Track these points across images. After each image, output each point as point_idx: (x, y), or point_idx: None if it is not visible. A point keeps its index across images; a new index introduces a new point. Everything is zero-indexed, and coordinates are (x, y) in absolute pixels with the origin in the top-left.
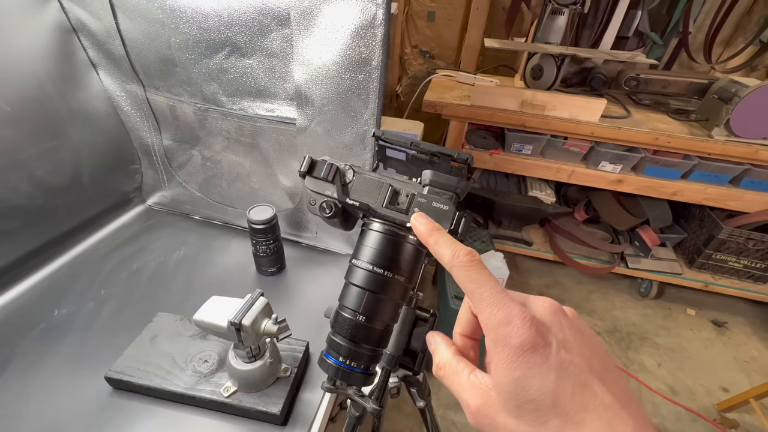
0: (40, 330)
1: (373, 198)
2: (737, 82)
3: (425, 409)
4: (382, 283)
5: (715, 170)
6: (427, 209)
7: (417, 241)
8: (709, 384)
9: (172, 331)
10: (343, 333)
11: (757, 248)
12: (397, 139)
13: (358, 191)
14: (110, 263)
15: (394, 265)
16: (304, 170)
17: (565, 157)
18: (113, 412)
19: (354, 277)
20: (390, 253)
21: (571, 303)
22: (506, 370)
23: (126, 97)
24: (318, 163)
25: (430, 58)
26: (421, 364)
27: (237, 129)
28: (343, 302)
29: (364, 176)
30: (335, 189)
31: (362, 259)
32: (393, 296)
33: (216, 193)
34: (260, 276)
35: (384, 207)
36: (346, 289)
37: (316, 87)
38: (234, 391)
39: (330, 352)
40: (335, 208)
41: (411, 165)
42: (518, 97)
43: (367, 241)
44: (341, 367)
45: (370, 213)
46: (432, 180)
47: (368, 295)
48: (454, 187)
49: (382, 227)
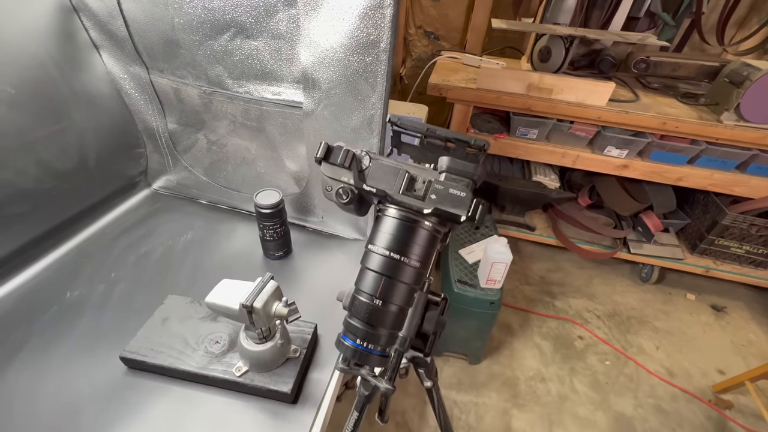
0: (53, 312)
1: (390, 184)
2: (749, 65)
3: (432, 389)
4: (398, 269)
5: (722, 156)
6: (444, 196)
7: (432, 227)
8: (706, 366)
9: (183, 313)
10: (360, 316)
11: (760, 234)
12: (412, 125)
13: (375, 177)
14: (118, 247)
15: (410, 251)
16: (321, 156)
17: (570, 142)
18: (128, 390)
19: (370, 262)
20: (406, 238)
21: (572, 287)
22: None
23: (129, 80)
24: (334, 149)
25: (435, 39)
26: (432, 346)
27: (243, 112)
28: (359, 286)
29: (380, 162)
30: (352, 175)
31: (378, 244)
32: (408, 281)
33: (222, 178)
34: (267, 260)
35: (401, 194)
36: (362, 274)
37: (323, 69)
38: (245, 371)
39: (347, 334)
40: (351, 194)
41: (425, 150)
42: (525, 80)
43: (383, 227)
44: (359, 349)
45: (386, 199)
46: (449, 167)
47: (384, 279)
48: (471, 173)
49: (398, 213)
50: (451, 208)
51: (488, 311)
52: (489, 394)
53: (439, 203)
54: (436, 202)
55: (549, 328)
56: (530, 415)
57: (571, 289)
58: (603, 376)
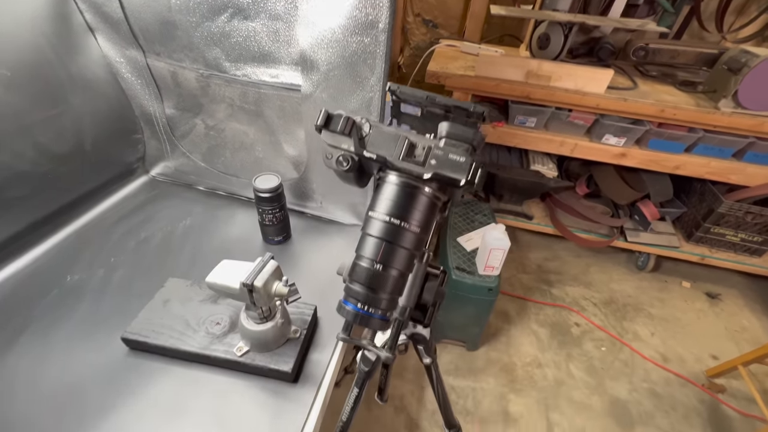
0: (53, 295)
1: (390, 151)
2: (748, 52)
3: (431, 366)
4: (398, 234)
5: (720, 143)
6: (443, 161)
7: (432, 193)
8: (700, 352)
9: (184, 296)
10: (361, 281)
11: (756, 222)
12: (411, 93)
13: (375, 144)
14: (117, 232)
15: (410, 216)
16: (321, 124)
17: (568, 130)
18: (130, 371)
19: (371, 229)
20: (406, 204)
21: (569, 276)
22: None
23: (126, 64)
24: (334, 116)
25: (433, 27)
26: (432, 318)
27: (241, 96)
28: (360, 252)
29: (380, 129)
30: (352, 142)
31: (379, 210)
32: (409, 246)
33: (220, 163)
34: (266, 245)
35: (401, 160)
36: (363, 240)
37: (321, 51)
38: (246, 351)
39: (348, 299)
40: (352, 161)
41: (425, 121)
42: (524, 68)
43: (383, 194)
44: (359, 312)
45: (386, 166)
46: (449, 132)
47: (385, 244)
48: (471, 138)
49: (398, 179)
50: (451, 173)
51: (486, 298)
52: (486, 379)
53: (439, 168)
54: (436, 167)
55: (546, 315)
56: (527, 400)
57: (567, 278)
58: (599, 362)
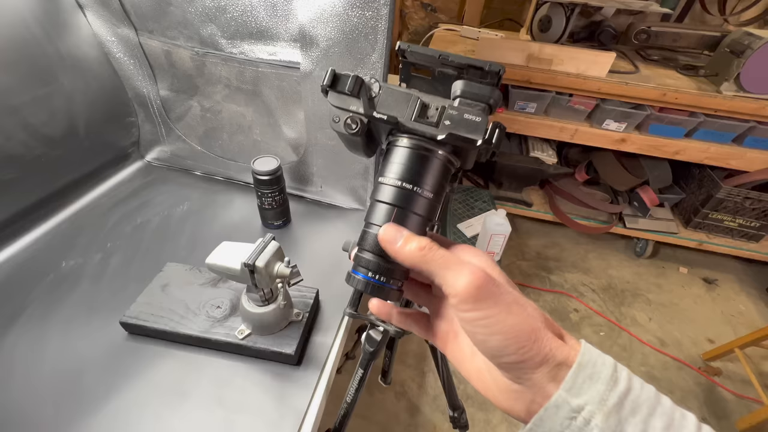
0: (49, 280)
1: (402, 111)
2: (751, 34)
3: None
4: (411, 199)
5: (720, 128)
6: (458, 121)
7: (445, 156)
8: (697, 336)
9: (183, 280)
10: (372, 249)
11: (754, 207)
12: (424, 53)
13: (385, 105)
14: (113, 218)
15: (423, 181)
16: (327, 84)
17: (569, 116)
18: (130, 355)
19: (381, 195)
20: (419, 168)
21: (568, 262)
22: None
23: (117, 43)
24: (342, 76)
25: (432, 11)
26: None
27: (237, 75)
28: (370, 220)
29: (390, 89)
30: (361, 103)
31: (390, 176)
32: (422, 212)
33: (217, 147)
34: (266, 229)
35: (413, 121)
36: (373, 208)
37: (321, 26)
38: (248, 334)
39: (358, 268)
40: (361, 123)
41: (437, 83)
42: (524, 51)
43: (394, 158)
44: (371, 281)
45: (397, 128)
46: (464, 90)
47: (397, 210)
48: (488, 97)
49: (410, 142)
50: (466, 133)
51: None
52: None
53: (454, 129)
54: (450, 128)
55: (545, 301)
56: None
57: (566, 264)
58: (597, 347)
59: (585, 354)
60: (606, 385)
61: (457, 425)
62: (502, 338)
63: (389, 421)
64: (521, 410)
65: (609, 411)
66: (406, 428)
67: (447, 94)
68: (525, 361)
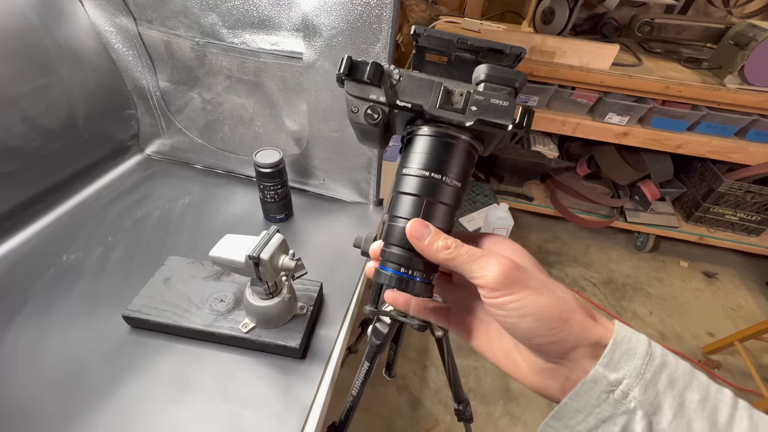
0: (50, 274)
1: (426, 99)
2: (755, 26)
3: (442, 339)
4: (439, 189)
5: (723, 121)
6: (485, 107)
7: (469, 143)
8: (697, 330)
9: (185, 273)
10: (401, 244)
11: (755, 201)
12: (441, 36)
13: (408, 92)
14: (114, 211)
15: (449, 169)
16: (345, 72)
17: (571, 109)
18: (133, 348)
19: (406, 186)
20: (445, 156)
21: (569, 257)
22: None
23: (116, 33)
24: (359, 63)
25: (433, 3)
26: None
27: (239, 66)
28: (396, 213)
29: (412, 76)
30: (382, 92)
31: (414, 166)
32: (450, 202)
33: (218, 140)
34: (268, 223)
35: (438, 108)
36: (397, 201)
37: (324, 15)
38: (252, 327)
39: (387, 264)
40: (382, 113)
41: (453, 69)
42: (527, 43)
43: (416, 147)
44: (402, 276)
45: (421, 116)
46: (488, 74)
47: (426, 201)
48: (513, 80)
49: (434, 131)
50: (495, 118)
51: None
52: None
53: (482, 114)
54: (478, 114)
55: None
56: None
57: (567, 258)
58: None
59: (619, 332)
60: (642, 360)
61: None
62: (533, 320)
63: (392, 414)
64: (555, 388)
65: (647, 384)
66: (408, 421)
67: (463, 79)
68: (558, 342)
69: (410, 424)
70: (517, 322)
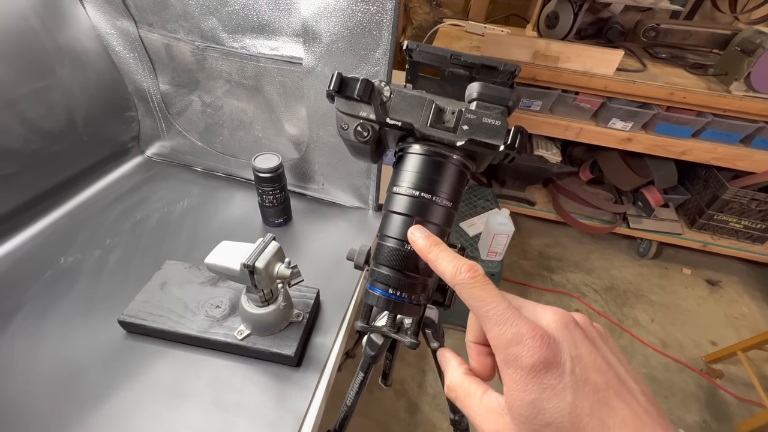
0: (48, 277)
1: (416, 117)
2: (762, 33)
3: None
4: (428, 209)
5: (728, 128)
6: (477, 126)
7: (461, 161)
8: (699, 338)
9: (182, 278)
10: (390, 264)
11: (760, 209)
12: (434, 52)
13: (398, 110)
14: (113, 213)
15: (441, 189)
16: (334, 89)
17: (574, 114)
18: (128, 353)
19: (396, 205)
20: (436, 176)
21: (570, 262)
22: (520, 393)
23: (117, 36)
24: (350, 80)
25: (437, 6)
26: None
27: (239, 70)
28: (386, 233)
29: (402, 93)
30: (372, 109)
31: (404, 185)
32: (440, 222)
33: (218, 143)
34: (267, 227)
35: (429, 126)
36: (387, 220)
37: (324, 21)
38: (248, 334)
39: (375, 284)
40: (372, 131)
41: (446, 85)
42: (531, 47)
43: (407, 166)
44: (392, 298)
45: (412, 135)
46: (481, 93)
47: (415, 221)
48: (506, 99)
49: (425, 149)
50: (487, 138)
51: None
52: None
53: (473, 134)
54: (469, 133)
55: (547, 301)
56: None
57: (569, 264)
58: None
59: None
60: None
61: (457, 428)
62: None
63: (389, 420)
64: None
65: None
66: (405, 427)
67: (456, 95)
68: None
69: (407, 429)
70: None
